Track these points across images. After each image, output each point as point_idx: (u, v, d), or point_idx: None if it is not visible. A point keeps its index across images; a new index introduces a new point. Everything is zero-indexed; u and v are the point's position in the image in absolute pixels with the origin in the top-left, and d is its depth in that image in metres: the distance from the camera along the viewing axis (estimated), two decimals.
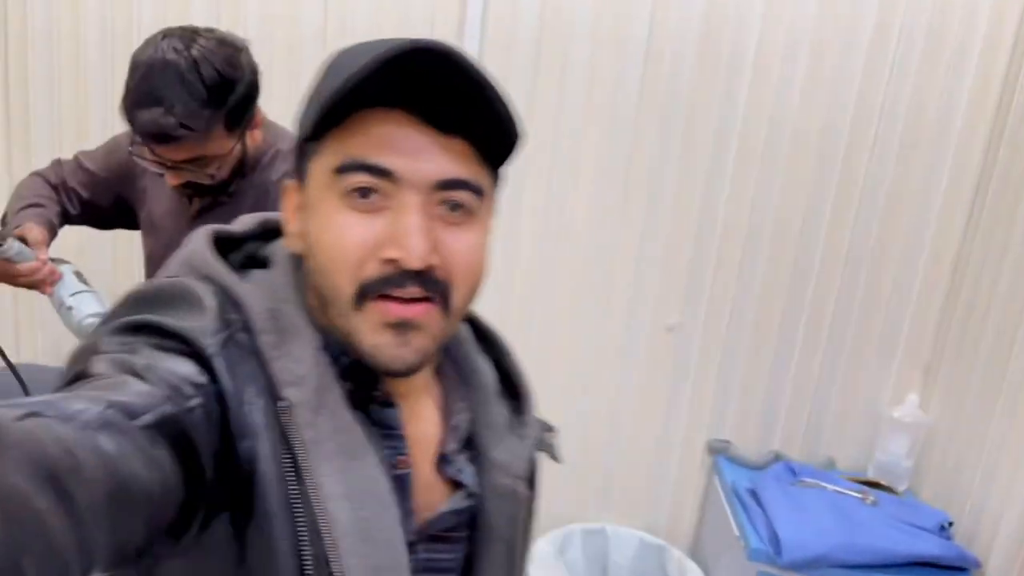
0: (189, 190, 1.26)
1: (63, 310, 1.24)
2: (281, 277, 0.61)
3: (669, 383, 2.04)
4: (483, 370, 0.70)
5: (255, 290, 0.58)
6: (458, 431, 0.66)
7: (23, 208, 1.38)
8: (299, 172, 0.61)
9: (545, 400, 0.74)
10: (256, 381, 0.54)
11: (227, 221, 1.19)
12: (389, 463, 0.60)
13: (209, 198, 1.30)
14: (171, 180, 1.22)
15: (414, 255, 0.55)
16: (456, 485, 0.65)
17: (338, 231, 0.56)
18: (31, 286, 1.25)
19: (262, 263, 0.64)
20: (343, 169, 0.55)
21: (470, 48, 1.82)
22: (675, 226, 1.94)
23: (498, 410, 0.69)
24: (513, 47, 1.85)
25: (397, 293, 0.56)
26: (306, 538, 0.53)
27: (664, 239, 1.95)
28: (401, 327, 0.56)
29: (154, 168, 1.21)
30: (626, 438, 2.09)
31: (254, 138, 1.27)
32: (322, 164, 0.57)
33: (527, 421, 0.70)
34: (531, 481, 0.71)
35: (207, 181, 1.22)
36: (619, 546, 2.07)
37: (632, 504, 2.12)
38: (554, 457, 0.72)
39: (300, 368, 0.56)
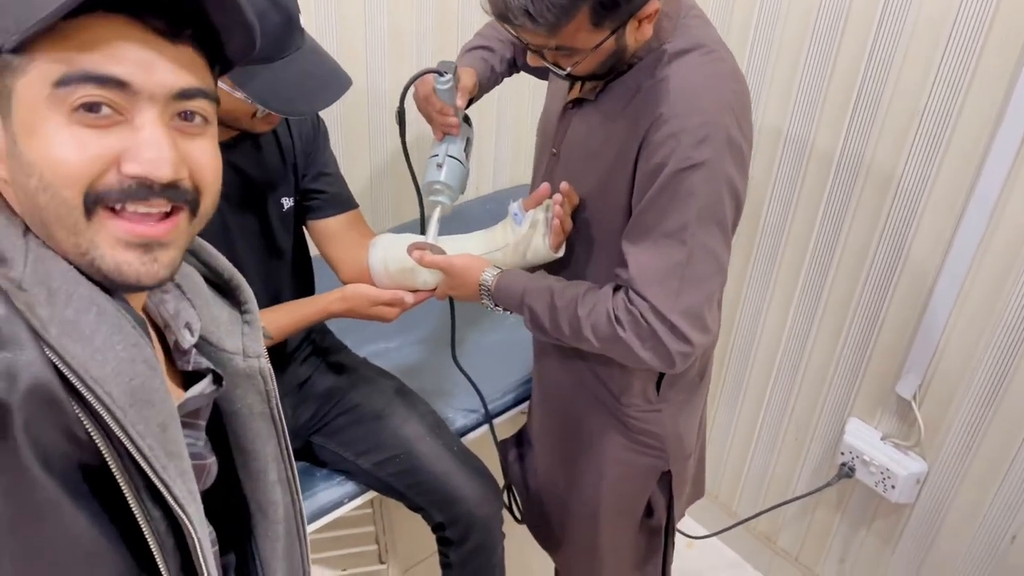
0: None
1: (429, 156, 1.23)
2: None
3: None
4: (190, 273, 0.69)
5: None
6: (191, 329, 0.66)
7: (474, 48, 1.33)
8: None
9: None
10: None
11: (591, 121, 1.15)
12: None
13: (588, 86, 1.14)
14: (529, 59, 1.09)
15: (164, 168, 0.53)
16: (192, 378, 0.65)
17: (66, 147, 0.51)
18: (430, 119, 1.22)
19: None
20: (66, 82, 0.51)
21: None
22: None
23: (218, 308, 0.69)
24: None
25: (142, 208, 0.54)
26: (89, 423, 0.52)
27: None
28: (147, 246, 0.55)
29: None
30: None
31: (642, 33, 1.05)
32: (35, 79, 0.51)
33: (250, 309, 0.71)
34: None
35: (560, 73, 1.07)
36: None
37: None
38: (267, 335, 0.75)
39: (14, 271, 0.51)
